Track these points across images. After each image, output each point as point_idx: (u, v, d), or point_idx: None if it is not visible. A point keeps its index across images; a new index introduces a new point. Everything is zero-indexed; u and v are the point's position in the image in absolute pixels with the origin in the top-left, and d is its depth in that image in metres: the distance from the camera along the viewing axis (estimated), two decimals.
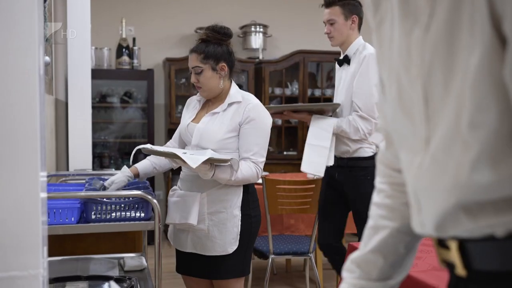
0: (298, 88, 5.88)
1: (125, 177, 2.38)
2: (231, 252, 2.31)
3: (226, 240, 2.30)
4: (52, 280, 2.26)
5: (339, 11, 2.88)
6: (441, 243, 0.79)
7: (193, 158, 2.14)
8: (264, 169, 5.64)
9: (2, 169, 1.01)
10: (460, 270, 0.76)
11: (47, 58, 3.27)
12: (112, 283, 0.89)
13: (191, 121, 2.43)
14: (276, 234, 3.59)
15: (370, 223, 1.00)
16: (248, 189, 2.38)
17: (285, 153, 5.96)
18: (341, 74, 3.01)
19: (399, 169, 0.96)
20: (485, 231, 0.71)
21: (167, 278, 4.03)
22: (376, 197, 1.01)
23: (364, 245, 1.00)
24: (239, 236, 2.32)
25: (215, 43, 2.36)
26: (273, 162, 5.68)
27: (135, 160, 2.67)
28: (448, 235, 0.76)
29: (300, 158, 5.74)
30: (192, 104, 2.52)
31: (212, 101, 2.44)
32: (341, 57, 3.00)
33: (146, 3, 5.80)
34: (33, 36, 1.00)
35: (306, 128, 5.90)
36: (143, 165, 2.48)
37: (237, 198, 2.33)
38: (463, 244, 0.74)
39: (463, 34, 0.66)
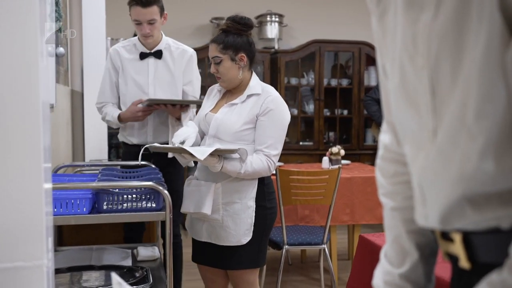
0: (314, 78, 5.85)
1: (195, 133, 2.37)
2: (245, 243, 2.30)
3: (240, 231, 2.30)
4: (66, 270, 2.29)
5: (157, 10, 2.99)
6: (445, 236, 0.78)
7: (200, 150, 2.13)
8: (280, 160, 5.63)
9: (5, 160, 1.01)
10: (464, 263, 0.75)
11: (62, 49, 3.29)
12: (114, 274, 0.89)
13: (210, 111, 2.43)
14: (290, 224, 3.58)
15: (400, 230, 0.96)
16: (264, 181, 2.36)
17: (301, 143, 5.94)
18: (151, 66, 3.09)
19: None
20: (490, 224, 0.70)
21: (182, 268, 4.04)
22: (392, 202, 0.97)
23: (408, 251, 0.97)
24: (253, 228, 2.31)
25: (235, 34, 2.34)
26: (289, 152, 5.66)
27: (144, 159, 2.70)
28: (452, 227, 0.74)
29: (317, 149, 5.78)
30: (213, 93, 2.51)
31: (232, 91, 2.43)
32: (152, 51, 3.09)
33: None
34: (34, 25, 1.00)
35: (322, 118, 5.90)
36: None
37: (252, 189, 2.32)
38: (467, 237, 0.73)
39: (472, 23, 0.65)
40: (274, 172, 2.41)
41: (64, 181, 2.43)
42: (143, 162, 2.87)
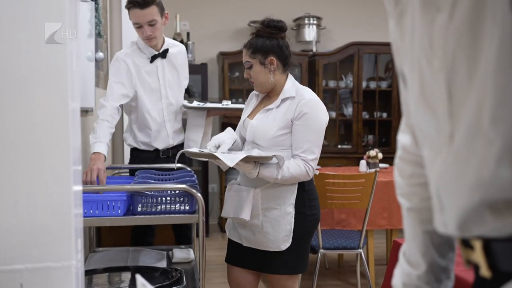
0: (352, 80, 5.79)
1: (232, 138, 2.34)
2: (284, 249, 2.28)
3: (279, 237, 2.27)
4: (102, 270, 2.34)
5: (156, 10, 2.88)
6: (465, 243, 0.75)
7: (230, 157, 2.13)
8: (318, 163, 5.57)
9: (35, 163, 1.04)
10: (485, 271, 0.72)
11: (101, 54, 3.35)
12: (139, 276, 0.90)
13: (247, 116, 2.43)
14: (327, 228, 3.55)
15: (417, 230, 0.96)
16: (304, 187, 2.33)
17: (339, 146, 5.89)
18: (159, 67, 3.05)
19: None
20: (511, 231, 0.67)
21: (219, 270, 4.06)
22: (408, 203, 0.97)
23: (425, 251, 0.97)
24: (292, 234, 2.28)
25: (265, 37, 2.33)
26: (327, 155, 5.62)
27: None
28: (472, 234, 0.72)
29: (355, 152, 5.72)
30: (252, 98, 2.50)
31: (269, 96, 2.42)
32: (159, 52, 3.03)
33: None
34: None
35: (361, 121, 5.84)
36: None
37: (291, 195, 2.29)
38: (488, 244, 0.71)
39: (487, 24, 0.63)
40: (312, 177, 2.36)
41: None
42: (178, 165, 2.90)
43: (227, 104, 3.21)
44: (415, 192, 0.95)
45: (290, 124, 2.27)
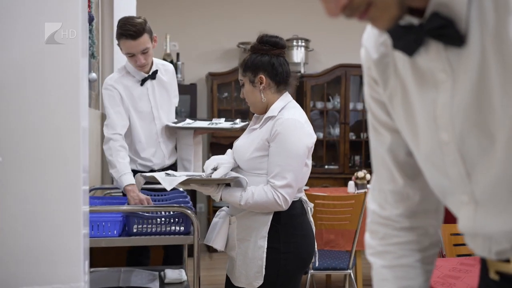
0: (340, 102, 5.87)
1: (231, 163, 2.14)
2: (256, 286, 2.06)
3: (251, 272, 2.06)
4: None
5: (148, 38, 2.85)
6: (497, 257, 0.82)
7: (170, 179, 2.00)
8: (306, 184, 5.55)
9: (46, 183, 1.06)
10: None
11: (94, 75, 3.38)
12: None
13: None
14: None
15: (393, 285, 0.99)
16: (280, 220, 2.07)
17: (326, 167, 5.94)
18: (150, 89, 3.05)
19: (405, 227, 0.98)
20: None
21: None
22: (382, 261, 1.00)
23: None
24: (264, 271, 2.04)
25: (258, 54, 2.15)
26: (313, 176, 5.62)
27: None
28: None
29: (342, 172, 5.77)
30: (253, 120, 2.31)
31: (260, 116, 2.24)
32: (149, 74, 3.02)
33: (189, 20, 5.91)
34: (77, 54, 1.06)
35: (348, 142, 5.91)
36: None
37: (264, 227, 2.06)
38: None
39: (495, 95, 0.68)
40: (285, 207, 2.01)
41: (95, 204, 2.49)
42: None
43: (217, 122, 3.20)
44: (389, 251, 0.99)
45: (266, 145, 2.06)
